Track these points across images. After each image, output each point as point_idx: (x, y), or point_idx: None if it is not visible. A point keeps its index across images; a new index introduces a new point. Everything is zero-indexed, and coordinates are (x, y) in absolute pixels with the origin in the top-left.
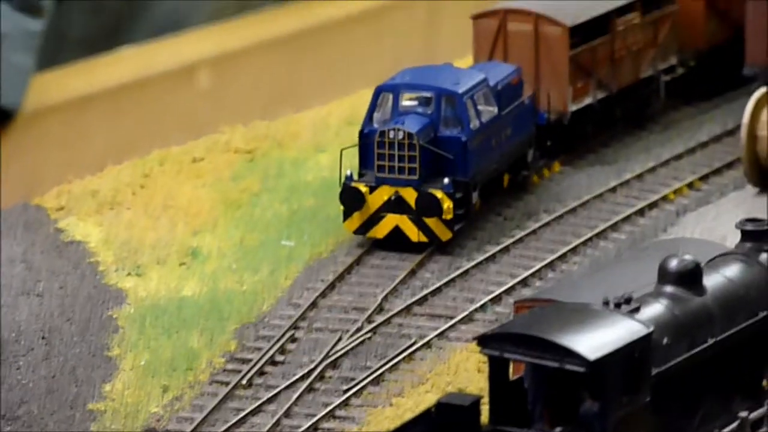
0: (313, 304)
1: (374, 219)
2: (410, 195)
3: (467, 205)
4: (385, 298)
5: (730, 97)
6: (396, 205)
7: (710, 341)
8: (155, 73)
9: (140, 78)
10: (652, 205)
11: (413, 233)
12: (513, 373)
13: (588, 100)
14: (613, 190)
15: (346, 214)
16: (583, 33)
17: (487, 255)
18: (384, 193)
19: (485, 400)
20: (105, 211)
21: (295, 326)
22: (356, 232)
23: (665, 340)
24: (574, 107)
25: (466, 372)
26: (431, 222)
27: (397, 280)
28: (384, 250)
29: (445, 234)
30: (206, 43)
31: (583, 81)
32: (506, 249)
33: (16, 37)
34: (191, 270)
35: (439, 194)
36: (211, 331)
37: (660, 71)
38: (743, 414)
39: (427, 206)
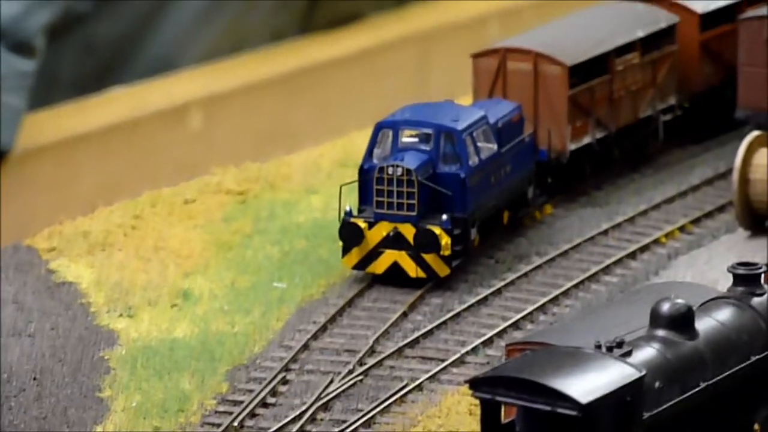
0: (305, 346)
1: (373, 255)
2: (409, 231)
3: (465, 242)
4: (377, 340)
5: (722, 140)
6: (394, 241)
7: (702, 385)
8: (146, 113)
9: (131, 119)
10: (644, 249)
11: (411, 269)
12: (505, 416)
13: (587, 140)
14: (605, 233)
15: (345, 250)
16: (582, 72)
17: (479, 297)
18: (383, 229)
19: None
20: (96, 252)
21: (286, 368)
22: (355, 267)
23: (657, 384)
24: (572, 146)
25: (457, 415)
26: (429, 258)
27: (388, 323)
28: (375, 293)
29: (443, 270)
30: (198, 83)
31: (582, 120)
32: (498, 292)
33: (8, 78)
34: (183, 312)
35: (437, 230)
36: (202, 372)
37: (659, 111)
38: None
39: (426, 242)
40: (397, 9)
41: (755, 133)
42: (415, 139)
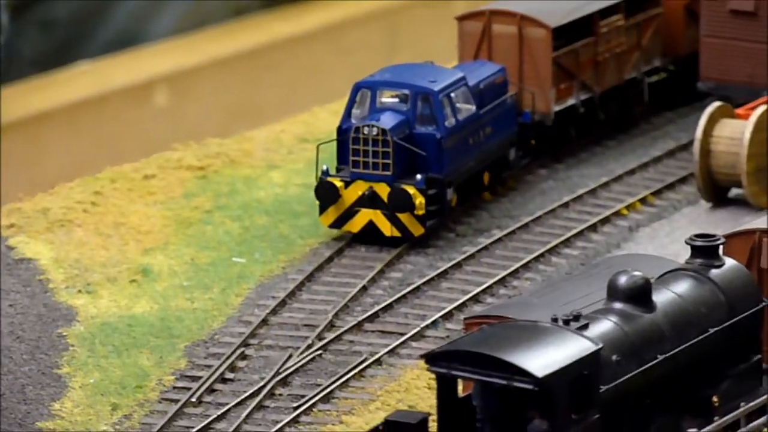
0: (264, 322)
1: (349, 213)
2: (384, 190)
3: (441, 202)
4: (336, 315)
5: (684, 112)
6: (370, 200)
7: (660, 358)
8: (110, 90)
9: (96, 95)
10: (605, 221)
11: (386, 228)
12: (463, 390)
13: (571, 101)
14: (566, 206)
15: (322, 209)
16: (567, 35)
17: (439, 271)
18: (358, 189)
19: (434, 417)
20: (56, 229)
21: (245, 344)
22: (331, 226)
23: (614, 357)
24: (557, 108)
25: (417, 390)
26: (404, 217)
27: (348, 297)
28: (336, 267)
29: (417, 229)
30: (164, 59)
31: (567, 82)
32: (458, 265)
33: None
34: (142, 288)
35: (411, 190)
36: (161, 349)
37: (644, 73)
38: (693, 431)
39: (400, 202)
40: None
41: (716, 104)
42: (395, 100)
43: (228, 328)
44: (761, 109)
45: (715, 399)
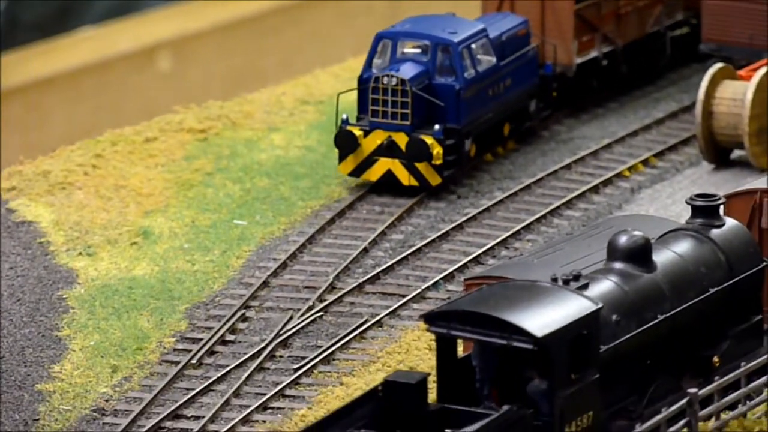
0: (265, 284)
1: (368, 162)
2: (402, 140)
3: (459, 152)
4: (337, 276)
5: (686, 73)
6: (388, 149)
7: (660, 318)
8: (113, 55)
9: (98, 60)
10: (607, 183)
11: (404, 177)
12: (462, 350)
13: (593, 54)
14: (568, 167)
15: (341, 157)
16: None
17: (440, 233)
18: (377, 138)
19: (433, 378)
20: (56, 192)
21: (246, 306)
22: (351, 174)
23: (614, 317)
24: (579, 60)
25: (417, 351)
26: (421, 167)
27: (349, 259)
28: (337, 229)
29: (434, 179)
30: (166, 24)
31: (589, 35)
32: (459, 227)
33: None
34: (142, 250)
35: (429, 140)
36: (161, 311)
37: (666, 27)
38: (693, 391)
39: (417, 151)
40: None
41: (718, 65)
42: (416, 51)
43: (228, 290)
44: (763, 70)
45: (715, 359)
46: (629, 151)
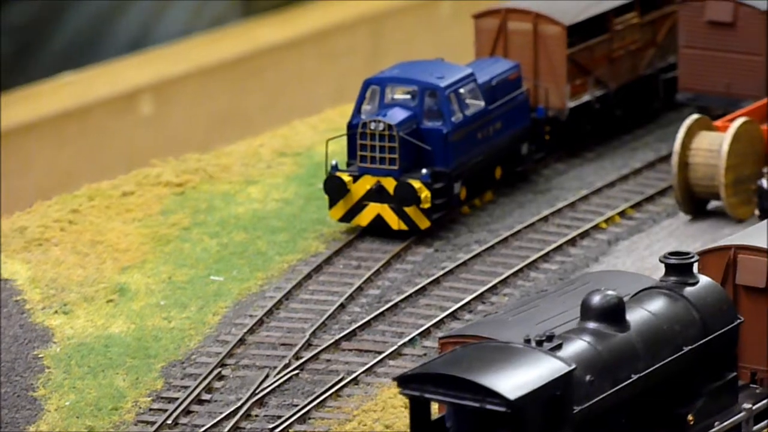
0: (241, 341)
1: (357, 207)
2: (390, 184)
3: (449, 195)
4: (314, 333)
5: (664, 122)
6: (378, 194)
7: (634, 377)
8: (93, 100)
9: (78, 106)
10: (584, 235)
11: (394, 221)
12: (438, 411)
13: (586, 98)
14: (545, 219)
15: (332, 203)
16: (582, 32)
17: (417, 287)
18: (366, 183)
19: None
20: (33, 248)
21: (222, 364)
22: (341, 220)
23: (588, 378)
24: (572, 104)
25: (393, 409)
26: (410, 211)
27: (325, 315)
28: (313, 284)
29: (423, 222)
30: (147, 68)
31: (582, 79)
32: (436, 281)
33: None
34: (119, 308)
35: (416, 184)
36: (137, 369)
37: (659, 70)
38: None
39: (405, 195)
40: None
41: (694, 116)
42: (405, 96)
43: (205, 347)
44: (739, 120)
45: (690, 417)
46: (606, 202)
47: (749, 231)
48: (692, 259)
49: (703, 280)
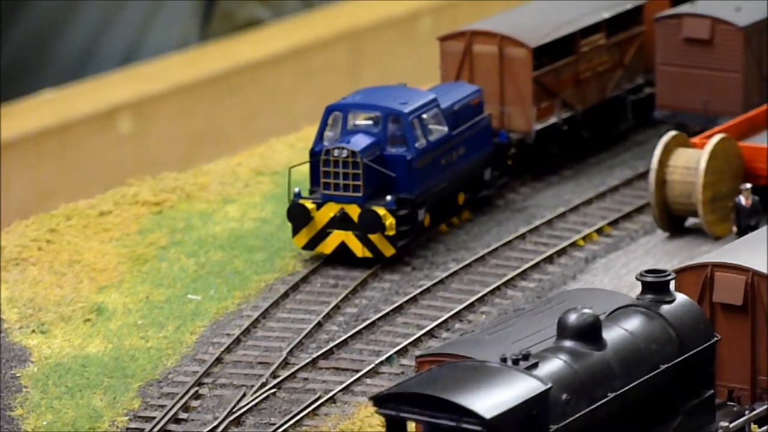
0: (218, 360)
1: (321, 235)
2: (354, 212)
3: (413, 222)
4: (291, 352)
5: (640, 139)
6: (342, 221)
7: (610, 396)
8: (72, 118)
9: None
10: (562, 252)
11: (358, 249)
12: (416, 430)
13: (553, 120)
14: (523, 237)
15: (295, 230)
16: (548, 54)
17: (394, 306)
18: (330, 210)
19: None
20: (10, 268)
21: (199, 383)
22: (305, 247)
23: (564, 396)
24: (538, 126)
25: (370, 428)
26: (375, 238)
27: (303, 334)
28: (291, 303)
29: (388, 250)
30: (125, 86)
31: (548, 101)
32: (414, 300)
33: None
34: (96, 327)
35: (381, 211)
36: (114, 389)
37: (626, 91)
38: None
39: (370, 223)
40: (327, 6)
41: (672, 133)
42: (367, 122)
43: (182, 366)
44: (716, 138)
45: None
46: (584, 220)
47: (726, 248)
48: (669, 277)
49: (680, 298)
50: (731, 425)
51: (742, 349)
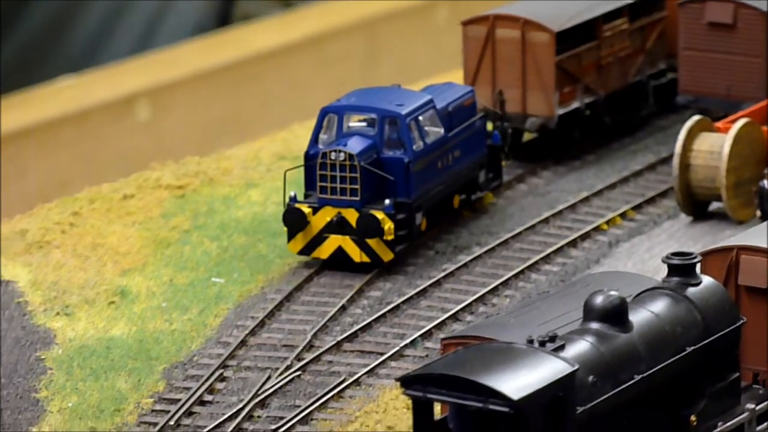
0: (243, 343)
1: (318, 240)
2: (352, 216)
3: (411, 227)
4: (315, 335)
5: (664, 124)
6: (338, 226)
7: (636, 378)
8: (91, 105)
9: (77, 110)
10: (585, 237)
11: (356, 254)
12: (441, 412)
13: (575, 105)
14: (546, 221)
15: (290, 235)
16: (571, 39)
17: (418, 290)
18: (327, 215)
19: None
20: (34, 251)
21: (224, 365)
22: (300, 252)
23: (591, 378)
24: (560, 111)
25: (395, 410)
26: (373, 243)
27: (327, 317)
28: (315, 287)
29: (386, 255)
30: (144, 74)
31: (570, 86)
32: (437, 283)
33: None
34: (120, 310)
35: (379, 215)
36: (139, 371)
37: (648, 76)
38: None
39: (368, 227)
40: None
41: (696, 118)
42: (362, 124)
43: (206, 349)
44: (740, 122)
45: (692, 418)
46: (607, 204)
47: (751, 231)
48: (695, 260)
49: (706, 280)
50: (757, 408)
51: None
